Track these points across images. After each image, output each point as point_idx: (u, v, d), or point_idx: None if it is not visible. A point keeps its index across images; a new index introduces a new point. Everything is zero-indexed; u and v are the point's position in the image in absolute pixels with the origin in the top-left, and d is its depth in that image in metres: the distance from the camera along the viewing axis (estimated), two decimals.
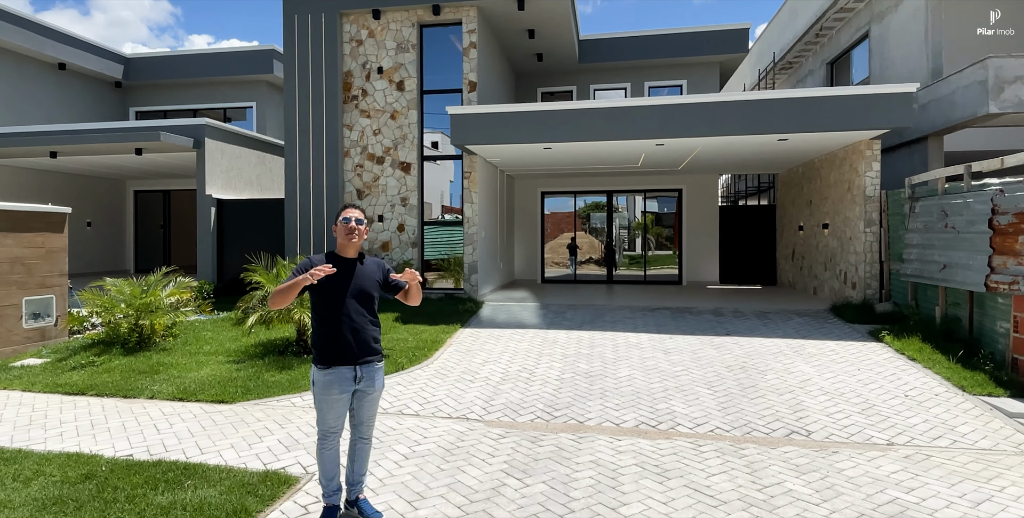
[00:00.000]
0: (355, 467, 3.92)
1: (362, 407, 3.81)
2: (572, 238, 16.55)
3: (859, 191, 10.42)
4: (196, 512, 3.99)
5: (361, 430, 3.88)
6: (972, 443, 5.15)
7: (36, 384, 7.13)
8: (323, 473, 3.81)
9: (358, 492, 3.94)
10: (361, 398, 3.78)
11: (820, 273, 12.49)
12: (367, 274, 3.79)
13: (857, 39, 14.25)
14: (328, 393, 3.66)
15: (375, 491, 4.32)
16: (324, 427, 3.75)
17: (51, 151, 12.93)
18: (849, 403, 6.11)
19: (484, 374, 7.22)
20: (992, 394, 6.21)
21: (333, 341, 3.67)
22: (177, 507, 4.06)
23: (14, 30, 14.82)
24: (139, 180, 18.43)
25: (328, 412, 3.72)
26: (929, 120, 11.24)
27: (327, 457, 3.80)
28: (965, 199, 7.80)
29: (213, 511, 4.00)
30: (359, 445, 3.91)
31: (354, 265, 3.76)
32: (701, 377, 6.98)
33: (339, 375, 3.66)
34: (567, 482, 4.40)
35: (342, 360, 3.66)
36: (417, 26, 11.99)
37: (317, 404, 3.73)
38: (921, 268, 8.80)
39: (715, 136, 9.87)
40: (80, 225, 16.99)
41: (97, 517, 3.99)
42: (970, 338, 7.71)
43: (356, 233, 3.73)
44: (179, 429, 5.67)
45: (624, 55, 15.34)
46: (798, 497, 4.12)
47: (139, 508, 4.06)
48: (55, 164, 14.88)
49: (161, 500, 4.17)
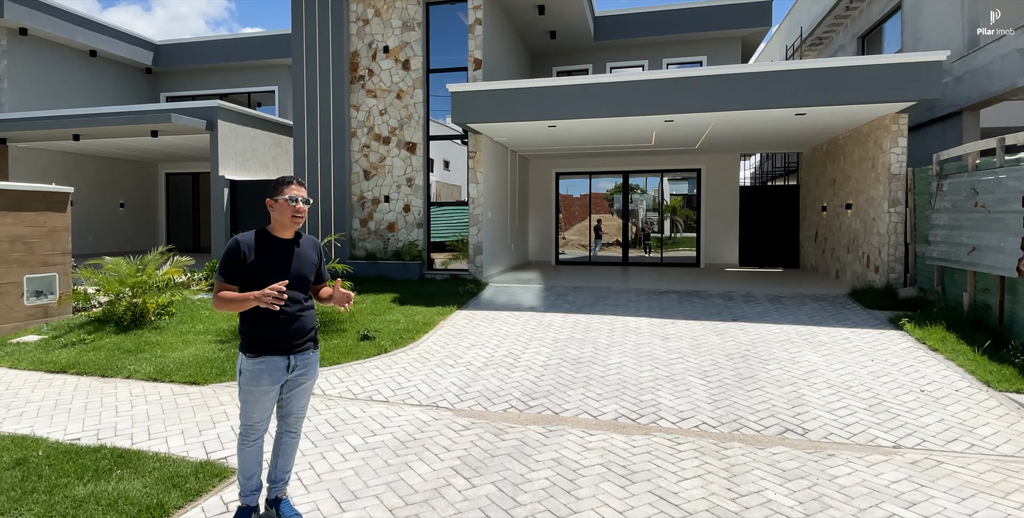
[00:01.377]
0: (279, 463, 3.41)
1: (292, 398, 3.30)
2: (598, 220, 15.80)
3: (884, 169, 9.44)
4: (109, 507, 3.55)
5: (289, 422, 3.37)
6: (992, 448, 4.36)
7: (23, 361, 6.86)
8: (243, 471, 3.29)
9: (279, 491, 3.43)
10: (292, 388, 3.26)
11: (843, 256, 11.53)
12: (304, 257, 3.24)
13: (889, 11, 13.05)
14: (257, 384, 3.14)
15: (308, 488, 3.81)
16: (250, 421, 3.23)
17: (74, 134, 12.78)
18: (856, 398, 5.35)
19: (467, 359, 6.66)
20: (1021, 391, 5.35)
21: (266, 329, 3.13)
22: (92, 500, 3.63)
23: (45, 18, 14.71)
24: (170, 163, 18.34)
25: (255, 405, 3.19)
26: (964, 93, 10.15)
27: (249, 454, 3.28)
28: (997, 175, 6.85)
29: (127, 506, 3.55)
30: (285, 439, 3.40)
31: (291, 247, 3.21)
32: (697, 366, 6.28)
33: (271, 365, 3.14)
34: (518, 484, 3.81)
35: (274, 349, 3.14)
36: (423, 4, 11.32)
37: (243, 396, 3.20)
38: (948, 251, 7.88)
39: (727, 111, 8.98)
40: (114, 206, 16.99)
41: (9, 508, 3.59)
42: (1000, 327, 6.83)
43: (300, 216, 3.18)
44: (138, 412, 5.27)
45: (641, 31, 14.36)
46: (776, 510, 3.45)
47: (54, 500, 3.65)
48: (88, 147, 14.82)
49: (80, 492, 3.74)
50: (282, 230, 3.20)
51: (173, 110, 11.99)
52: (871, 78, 8.38)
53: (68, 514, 3.49)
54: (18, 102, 14.59)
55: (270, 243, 3.16)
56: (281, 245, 3.18)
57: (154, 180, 18.45)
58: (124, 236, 17.26)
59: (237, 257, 3.09)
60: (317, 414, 5.12)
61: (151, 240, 18.30)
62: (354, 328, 7.77)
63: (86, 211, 15.93)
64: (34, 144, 14.52)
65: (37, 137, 13.17)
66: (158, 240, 18.45)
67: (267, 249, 3.14)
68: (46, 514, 3.51)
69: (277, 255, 3.15)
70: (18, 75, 14.61)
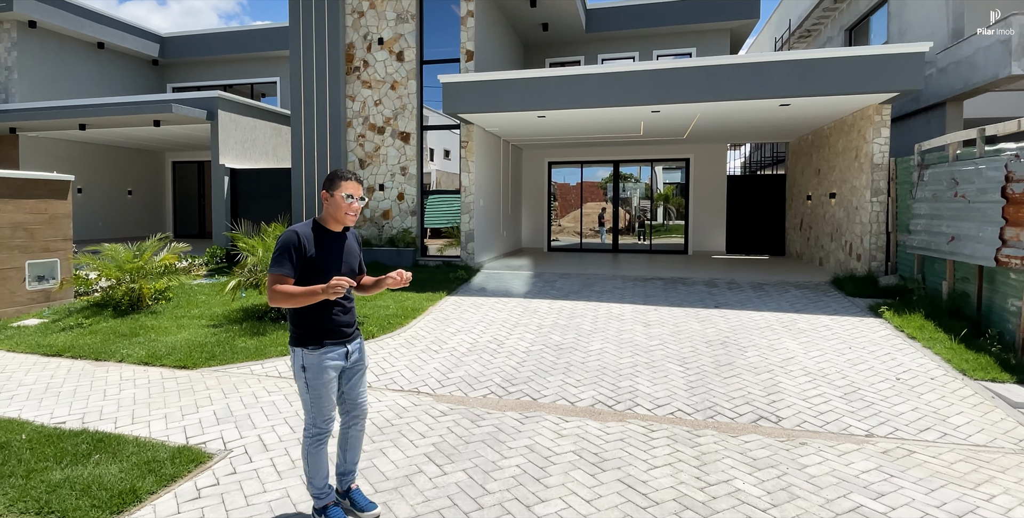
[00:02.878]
0: (347, 456, 3.23)
1: (353, 386, 3.14)
2: (603, 208, 15.58)
3: (867, 159, 9.21)
4: (82, 492, 3.42)
5: (354, 414, 3.18)
6: (965, 437, 4.20)
7: (21, 345, 6.73)
8: (318, 473, 3.06)
9: (351, 481, 3.26)
10: (351, 376, 3.12)
11: (826, 244, 11.33)
12: (351, 249, 3.13)
13: (876, 3, 12.72)
14: (324, 374, 2.96)
15: (280, 474, 3.67)
16: (322, 417, 3.01)
17: (80, 123, 12.56)
18: (831, 386, 5.19)
19: (452, 345, 6.50)
20: (996, 379, 5.18)
21: (326, 321, 2.99)
22: (67, 485, 3.50)
23: (54, 11, 14.45)
24: (176, 152, 18.12)
25: (327, 398, 3.00)
26: (948, 84, 9.89)
27: (322, 454, 3.06)
28: (977, 165, 6.64)
29: (100, 491, 3.43)
30: (352, 432, 3.21)
31: (342, 240, 3.08)
32: (676, 352, 6.12)
33: (332, 354, 2.99)
34: (489, 471, 3.66)
35: (334, 339, 3.01)
36: None
37: (312, 393, 2.97)
38: (928, 240, 7.68)
39: (711, 101, 8.73)
40: (122, 193, 16.80)
41: None
42: (978, 316, 6.64)
43: (356, 213, 3.04)
44: (125, 396, 5.14)
45: (631, 23, 14.01)
46: (743, 500, 3.30)
47: (30, 484, 3.52)
48: (96, 137, 14.62)
49: (56, 476, 3.62)
50: (334, 224, 3.04)
51: (174, 100, 11.76)
52: (854, 69, 8.12)
53: (41, 499, 3.36)
54: (28, 92, 14.35)
55: (325, 236, 3.01)
56: (334, 238, 3.05)
57: (161, 168, 18.24)
58: (132, 222, 17.11)
59: (297, 250, 2.90)
60: (297, 400, 4.98)
61: (158, 227, 18.14)
62: None
63: (95, 198, 15.76)
64: (44, 133, 14.31)
65: (46, 126, 12.97)
66: (165, 227, 18.29)
67: (324, 242, 2.99)
68: (19, 498, 3.38)
69: (333, 248, 3.02)
70: (27, 66, 14.36)
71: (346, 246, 3.09)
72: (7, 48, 13.99)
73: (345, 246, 3.08)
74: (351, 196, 2.96)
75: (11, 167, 13.86)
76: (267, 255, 7.39)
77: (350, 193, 2.96)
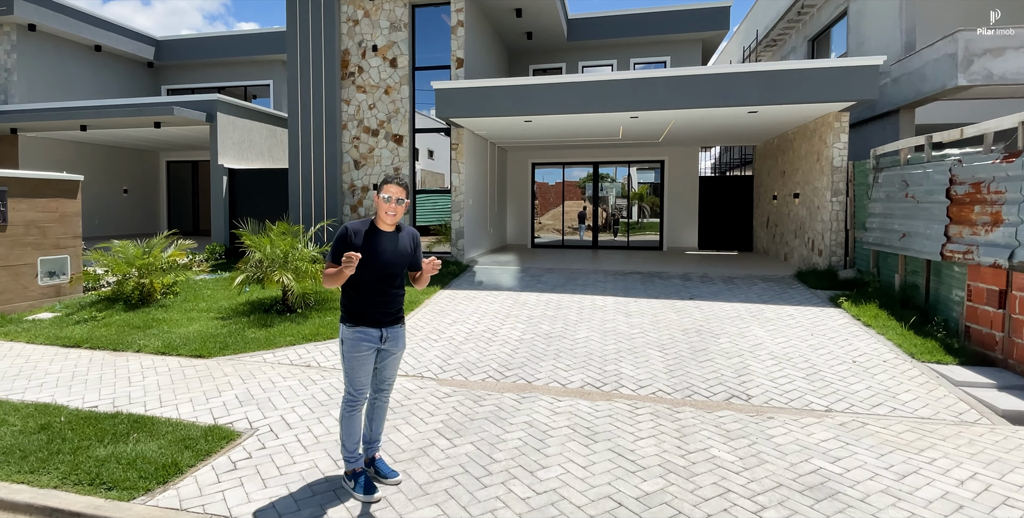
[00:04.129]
0: (373, 426, 3.54)
1: (385, 367, 3.44)
2: (584, 207, 15.91)
3: (827, 162, 9.67)
4: (129, 466, 3.66)
5: (382, 389, 3.50)
6: (911, 411, 4.62)
7: (39, 336, 6.86)
8: (350, 437, 3.38)
9: (375, 451, 3.57)
10: (384, 358, 3.41)
11: (791, 240, 11.81)
12: (401, 247, 3.39)
13: (837, 16, 13.21)
14: (357, 350, 3.29)
15: (307, 448, 3.94)
16: (356, 386, 3.34)
17: (81, 125, 12.54)
18: (795, 368, 5.59)
19: (449, 334, 6.79)
20: (941, 361, 5.63)
21: (364, 305, 3.32)
22: (113, 460, 3.74)
23: (53, 15, 14.31)
24: (171, 151, 18.04)
25: (360, 370, 3.32)
26: (901, 93, 10.38)
27: (355, 420, 3.38)
28: (925, 169, 7.09)
29: (145, 465, 3.67)
30: (378, 404, 3.53)
31: (390, 237, 3.35)
32: (656, 340, 6.48)
33: (366, 334, 3.29)
34: (494, 443, 3.97)
35: (369, 322, 3.31)
36: (409, 6, 11.21)
37: (347, 363, 3.32)
38: (882, 236, 8.14)
39: (686, 108, 9.10)
40: (118, 192, 16.72)
41: (37, 467, 3.69)
42: (926, 306, 7.10)
43: (395, 213, 3.32)
44: (149, 382, 5.34)
45: (610, 33, 14.36)
46: (720, 465, 3.66)
47: (78, 460, 3.76)
48: (93, 137, 14.54)
49: (101, 452, 3.85)
50: (382, 222, 3.33)
51: (175, 103, 11.81)
52: (815, 80, 8.55)
53: (92, 472, 3.60)
54: (27, 94, 14.23)
55: (374, 233, 3.31)
56: (382, 235, 3.32)
57: (156, 168, 18.15)
58: (127, 220, 17.04)
59: (345, 242, 3.26)
60: (314, 384, 5.23)
61: (153, 224, 18.07)
62: None
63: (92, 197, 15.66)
64: (42, 134, 14.21)
65: (47, 127, 12.89)
66: (159, 224, 18.22)
67: (370, 237, 3.29)
68: (71, 472, 3.61)
69: (377, 242, 3.29)
70: (27, 69, 14.23)
71: (394, 243, 3.35)
72: (7, 51, 13.86)
73: (393, 243, 3.34)
74: (389, 197, 3.26)
75: (11, 166, 13.76)
76: (272, 251, 7.60)
77: (389, 194, 3.26)
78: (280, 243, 7.66)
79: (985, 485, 3.40)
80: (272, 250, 7.54)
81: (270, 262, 7.51)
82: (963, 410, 4.62)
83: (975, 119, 10.92)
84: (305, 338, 6.62)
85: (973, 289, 6.00)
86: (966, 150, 6.73)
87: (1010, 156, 5.59)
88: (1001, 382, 5.04)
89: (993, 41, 8.67)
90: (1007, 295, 5.49)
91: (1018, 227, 5.35)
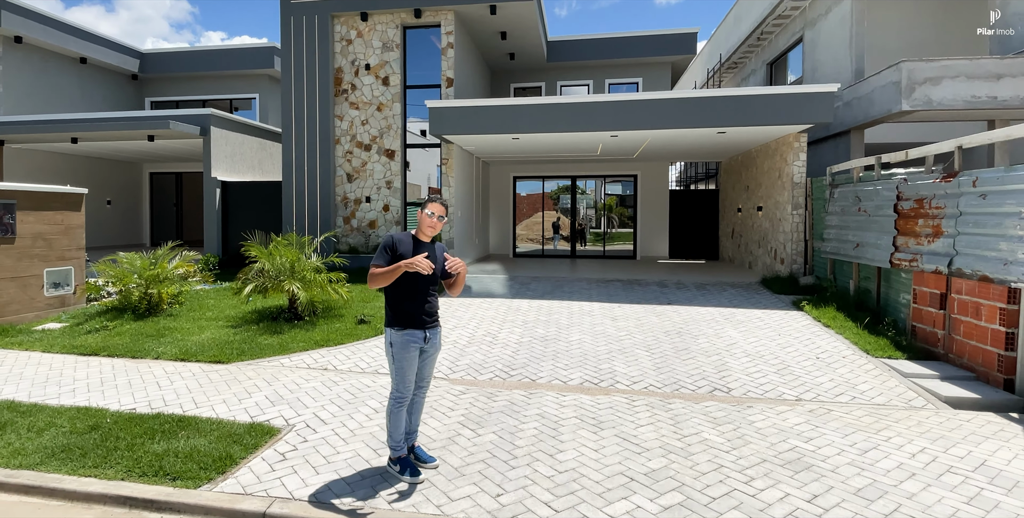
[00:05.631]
0: (413, 419, 3.92)
1: (425, 365, 3.82)
2: (557, 218, 16.48)
3: (788, 178, 10.43)
4: (187, 458, 3.97)
5: (421, 386, 3.89)
6: (869, 399, 5.23)
7: (55, 346, 6.99)
8: (397, 430, 3.77)
9: (414, 440, 3.95)
10: (425, 357, 3.80)
11: (755, 250, 12.57)
12: (437, 257, 3.79)
13: (793, 43, 14.14)
14: (407, 351, 3.66)
15: (345, 440, 4.32)
16: (404, 385, 3.71)
17: (72, 137, 12.57)
18: (767, 364, 6.18)
19: (453, 338, 7.20)
20: (892, 357, 6.29)
21: (411, 309, 3.69)
22: (170, 454, 4.04)
23: (40, 28, 14.29)
24: (154, 163, 17.99)
25: (409, 370, 3.70)
26: (852, 116, 11.24)
27: (400, 416, 3.76)
28: (875, 186, 7.83)
29: (202, 458, 3.98)
30: (417, 399, 3.91)
31: (430, 248, 3.77)
32: (642, 341, 7.02)
33: (413, 336, 3.68)
34: (514, 432, 4.42)
35: (415, 324, 3.69)
36: (401, 27, 11.66)
37: (396, 364, 3.68)
38: (838, 246, 8.87)
39: (662, 129, 9.77)
40: (101, 203, 16.61)
41: (99, 462, 3.97)
42: (878, 308, 7.80)
43: (434, 228, 3.75)
44: (178, 386, 5.60)
45: (587, 55, 15.09)
46: (711, 445, 4.18)
47: (136, 455, 4.04)
48: (78, 148, 14.50)
49: (157, 448, 4.14)
50: (422, 234, 3.76)
51: (171, 117, 11.96)
52: (779, 105, 9.29)
53: (154, 465, 3.90)
54: (12, 105, 14.14)
55: (416, 242, 3.73)
56: (422, 244, 3.74)
57: (138, 179, 18.06)
58: (111, 231, 16.93)
59: (391, 249, 3.65)
60: (336, 385, 5.59)
61: (135, 235, 17.97)
62: (350, 313, 8.19)
63: None
64: (27, 145, 14.13)
65: (39, 139, 12.87)
66: (142, 235, 18.12)
67: (412, 246, 3.69)
68: (134, 466, 3.91)
69: (419, 251, 3.69)
70: (12, 80, 14.15)
71: (435, 253, 3.79)
72: None
73: (434, 252, 3.77)
74: (432, 213, 3.70)
75: None
76: (281, 262, 7.90)
77: (432, 211, 3.70)
78: (287, 254, 7.96)
79: (932, 457, 4.00)
80: (281, 261, 7.85)
81: (278, 272, 7.81)
82: (912, 397, 5.26)
83: (917, 139, 11.90)
84: (317, 344, 6.95)
85: (918, 293, 6.71)
86: (911, 170, 7.49)
87: (948, 176, 6.32)
88: (943, 373, 5.72)
89: (932, 71, 9.55)
90: (947, 298, 6.20)
91: (955, 238, 6.07)
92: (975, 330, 5.71)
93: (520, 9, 11.40)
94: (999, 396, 5.13)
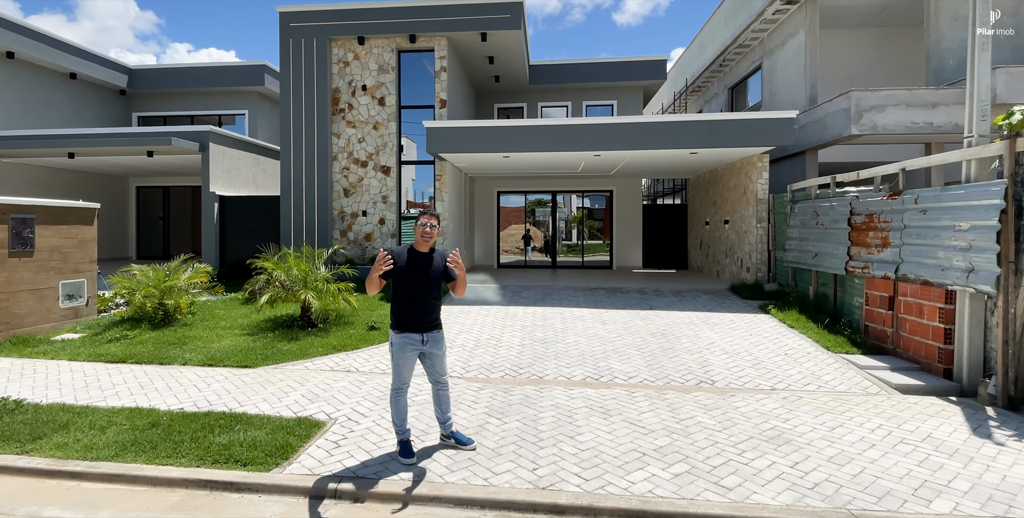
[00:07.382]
0: (443, 408, 4.41)
1: (432, 365, 4.28)
2: (528, 230, 17.13)
3: (752, 194, 11.31)
4: (251, 448, 4.36)
5: (437, 381, 4.36)
6: (832, 388, 5.96)
7: (80, 354, 7.18)
8: (398, 416, 4.25)
9: (450, 427, 4.43)
10: (429, 358, 4.25)
11: (722, 259, 13.43)
12: (435, 265, 4.19)
13: (752, 70, 15.19)
14: (403, 352, 4.12)
15: (388, 430, 4.79)
16: (399, 381, 4.20)
17: (69, 152, 12.66)
18: (743, 360, 6.88)
19: (460, 342, 7.72)
20: (849, 352, 7.06)
21: (407, 315, 4.12)
22: (235, 444, 4.42)
23: (32, 43, 14.33)
24: (141, 177, 17.99)
25: (404, 367, 4.15)
26: (807, 138, 12.22)
27: (401, 403, 4.24)
28: (831, 202, 8.69)
29: (264, 446, 4.38)
30: (441, 394, 4.39)
31: (426, 258, 4.17)
32: (631, 342, 7.66)
33: (410, 338, 4.11)
34: (535, 420, 4.98)
35: (412, 328, 4.12)
36: (396, 51, 12.22)
37: (394, 362, 4.15)
38: (799, 256, 9.69)
39: (640, 150, 10.55)
40: None
41: (171, 453, 4.31)
42: (835, 310, 8.57)
43: (427, 236, 4.14)
44: (216, 388, 5.95)
45: (565, 79, 15.92)
46: (706, 426, 4.82)
47: (204, 446, 4.40)
48: (68, 163, 14.51)
49: (220, 440, 4.51)
50: (419, 246, 4.19)
51: (172, 133, 12.20)
52: (744, 129, 10.16)
53: (223, 453, 4.30)
54: (3, 120, 14.12)
55: (413, 254, 4.17)
56: (420, 255, 4.18)
57: (125, 192, 18.03)
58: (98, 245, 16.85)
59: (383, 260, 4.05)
60: (363, 384, 6.04)
61: (122, 248, 17.90)
62: (359, 321, 8.63)
63: None
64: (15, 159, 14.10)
65: (34, 154, 12.91)
66: (128, 249, 18.06)
67: (411, 258, 4.15)
68: (205, 455, 4.30)
69: (416, 262, 4.15)
70: (3, 95, 14.14)
71: (428, 262, 4.19)
72: None
73: (427, 262, 4.18)
74: (424, 223, 4.17)
75: None
76: (296, 273, 8.31)
77: (424, 222, 4.18)
78: (301, 265, 8.38)
79: (888, 432, 4.72)
80: (295, 272, 8.26)
81: (292, 282, 8.21)
82: (868, 386, 6.02)
83: (865, 159, 12.97)
84: (334, 349, 7.37)
85: (869, 296, 7.54)
86: (862, 188, 8.36)
87: (894, 194, 7.18)
88: (893, 365, 6.52)
89: (877, 99, 10.57)
90: (895, 300, 7.03)
91: (901, 248, 6.91)
92: (919, 327, 6.53)
93: (508, 37, 12.10)
94: (940, 383, 5.93)
